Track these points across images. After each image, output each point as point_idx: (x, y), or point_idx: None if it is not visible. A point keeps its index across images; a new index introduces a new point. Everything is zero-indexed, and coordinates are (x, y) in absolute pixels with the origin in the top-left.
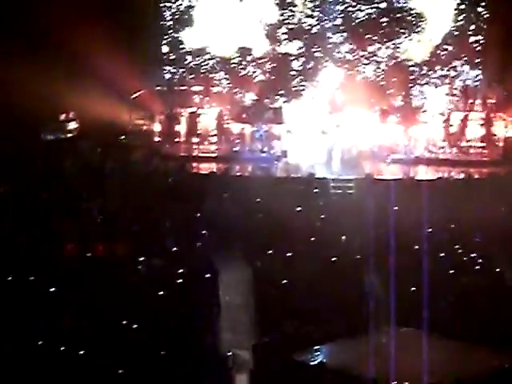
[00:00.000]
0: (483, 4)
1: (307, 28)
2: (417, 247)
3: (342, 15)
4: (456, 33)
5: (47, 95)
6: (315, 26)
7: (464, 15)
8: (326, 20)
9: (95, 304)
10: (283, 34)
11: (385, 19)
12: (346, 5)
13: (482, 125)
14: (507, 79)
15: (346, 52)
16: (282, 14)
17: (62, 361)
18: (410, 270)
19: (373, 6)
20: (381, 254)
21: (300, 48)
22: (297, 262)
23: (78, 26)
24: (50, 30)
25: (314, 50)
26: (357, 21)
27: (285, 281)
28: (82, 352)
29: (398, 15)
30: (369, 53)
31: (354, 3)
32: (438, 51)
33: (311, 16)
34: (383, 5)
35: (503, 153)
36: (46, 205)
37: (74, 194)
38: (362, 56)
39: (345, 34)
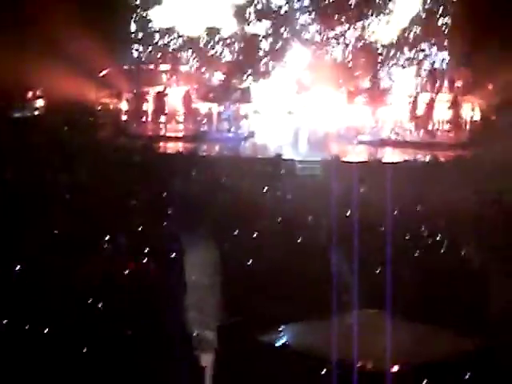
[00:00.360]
0: None
1: (275, 8)
2: (382, 229)
3: None
4: (423, 15)
5: (14, 72)
6: (283, 6)
7: None
8: (294, 0)
9: (59, 283)
10: (251, 13)
11: (353, 0)
12: None
13: (449, 107)
14: (474, 62)
15: (314, 33)
16: None
17: (26, 339)
18: (375, 252)
19: None
20: (347, 236)
21: (268, 28)
22: (263, 243)
23: (45, 2)
24: (17, 8)
25: (281, 30)
26: (325, 1)
27: (250, 261)
28: (45, 331)
29: None
30: (336, 34)
31: None
32: (406, 33)
33: None
34: None
35: (470, 135)
36: (12, 183)
37: (40, 172)
38: (329, 37)
39: (313, 15)
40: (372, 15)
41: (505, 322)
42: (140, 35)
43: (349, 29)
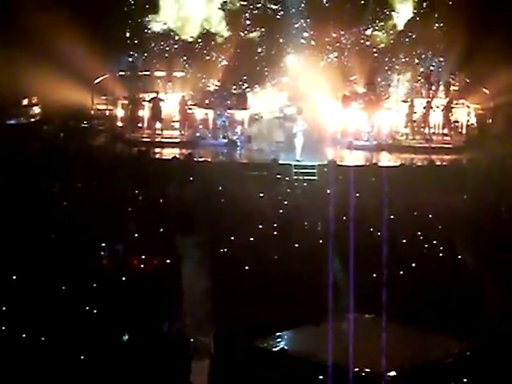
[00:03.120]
0: None
1: (271, 13)
2: (379, 233)
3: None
4: (419, 20)
5: (10, 80)
6: (279, 11)
7: (427, 2)
8: (289, 5)
9: (56, 289)
10: (246, 19)
11: (349, 5)
12: None
13: (444, 112)
14: (469, 66)
15: (310, 37)
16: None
17: (21, 346)
18: (372, 256)
19: None
20: (343, 240)
21: (263, 34)
22: (260, 248)
23: (41, 10)
24: (12, 16)
25: (277, 35)
26: (321, 6)
27: (247, 267)
28: (42, 338)
29: (363, 1)
30: (332, 39)
31: None
32: (402, 38)
33: (274, 2)
34: None
35: (466, 139)
36: (9, 189)
37: (37, 178)
38: (325, 42)
39: (308, 20)
40: (368, 20)
41: (497, 324)
42: (135, 41)
43: (345, 34)
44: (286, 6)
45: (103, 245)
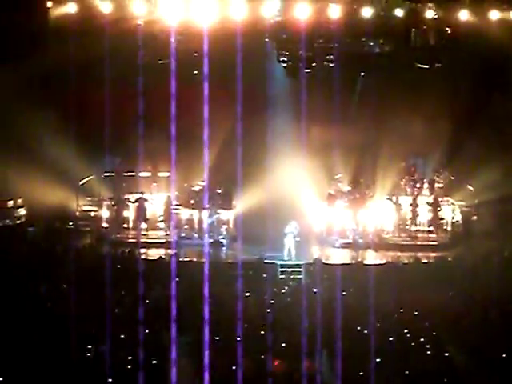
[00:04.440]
0: None
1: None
2: (366, 331)
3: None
4: (403, 117)
5: None
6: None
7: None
8: (273, 104)
9: None
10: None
11: (333, 103)
12: None
13: (429, 209)
14: (454, 163)
15: (294, 136)
16: None
17: None
18: (359, 355)
19: None
20: (330, 339)
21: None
22: (247, 347)
23: (25, 111)
24: None
25: (261, 134)
26: (304, 105)
27: (234, 367)
28: None
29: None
30: (317, 137)
31: None
32: (386, 135)
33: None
34: None
35: (451, 237)
36: None
37: (22, 280)
38: (309, 141)
39: (293, 119)
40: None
41: None
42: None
43: (329, 132)
44: (271, 105)
45: (89, 346)
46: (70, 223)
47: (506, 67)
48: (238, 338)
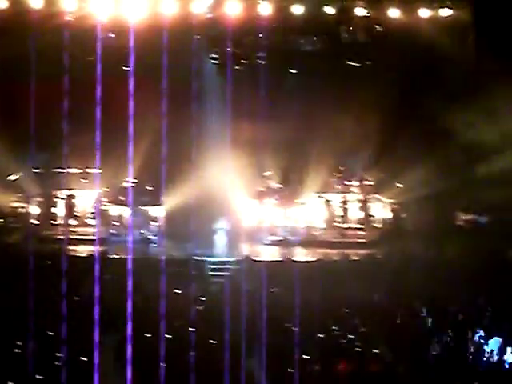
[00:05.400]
0: None
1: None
2: (295, 329)
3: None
4: (333, 116)
5: None
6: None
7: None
8: (202, 102)
9: None
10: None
11: (262, 101)
12: None
13: (359, 206)
14: (384, 161)
15: (224, 134)
16: None
17: None
18: (287, 352)
19: None
20: (258, 337)
21: (177, 130)
22: (174, 346)
23: None
24: None
25: (191, 132)
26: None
27: (164, 364)
28: None
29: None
30: (247, 135)
31: None
32: (316, 133)
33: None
34: None
35: (380, 234)
36: None
37: None
38: (239, 138)
39: (222, 116)
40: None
41: None
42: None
43: (259, 130)
44: (200, 102)
45: (18, 343)
46: (0, 219)
47: (435, 65)
48: (167, 336)
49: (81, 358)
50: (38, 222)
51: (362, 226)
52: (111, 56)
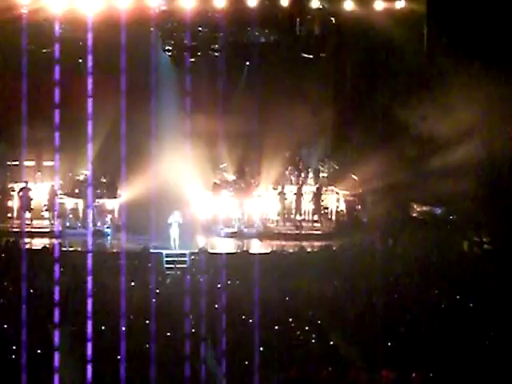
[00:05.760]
0: None
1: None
2: (250, 321)
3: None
4: (288, 108)
5: None
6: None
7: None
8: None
9: None
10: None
11: (219, 93)
12: None
13: (314, 198)
14: (338, 153)
15: (179, 126)
16: None
17: None
18: (244, 344)
19: None
20: (215, 329)
21: (132, 122)
22: (130, 338)
23: None
24: None
25: (146, 124)
26: (189, 94)
27: (119, 356)
28: None
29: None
30: (202, 127)
31: None
32: (271, 126)
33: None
34: None
35: (335, 226)
36: None
37: None
38: (195, 130)
39: (177, 108)
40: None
41: None
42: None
43: (214, 122)
44: (156, 94)
45: None
46: None
47: (390, 57)
48: (123, 329)
49: (36, 350)
50: None
51: (316, 218)
52: (66, 49)
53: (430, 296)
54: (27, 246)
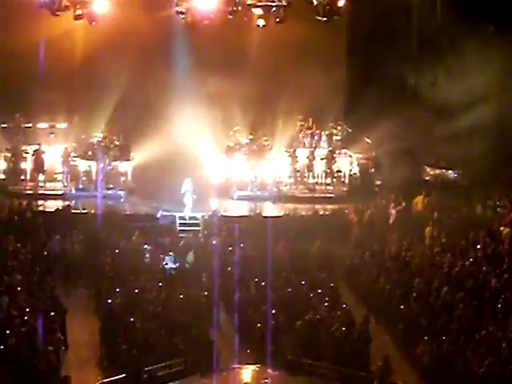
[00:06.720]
0: None
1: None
2: (263, 283)
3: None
4: (301, 70)
5: None
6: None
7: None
8: (171, 56)
9: None
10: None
11: (231, 56)
12: None
13: (327, 161)
14: (352, 116)
15: (192, 88)
16: None
17: None
18: (257, 306)
19: None
20: (228, 290)
21: (146, 85)
22: (145, 299)
23: None
24: None
25: (160, 87)
26: (203, 57)
27: (132, 318)
28: None
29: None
30: (215, 89)
31: None
32: (283, 88)
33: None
34: None
35: (348, 189)
36: None
37: None
38: (208, 93)
39: (190, 71)
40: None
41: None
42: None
43: (227, 84)
44: (169, 57)
45: None
46: None
47: (402, 22)
48: (136, 291)
49: (50, 311)
50: (5, 177)
51: (329, 181)
52: None
53: (442, 261)
54: (40, 208)
